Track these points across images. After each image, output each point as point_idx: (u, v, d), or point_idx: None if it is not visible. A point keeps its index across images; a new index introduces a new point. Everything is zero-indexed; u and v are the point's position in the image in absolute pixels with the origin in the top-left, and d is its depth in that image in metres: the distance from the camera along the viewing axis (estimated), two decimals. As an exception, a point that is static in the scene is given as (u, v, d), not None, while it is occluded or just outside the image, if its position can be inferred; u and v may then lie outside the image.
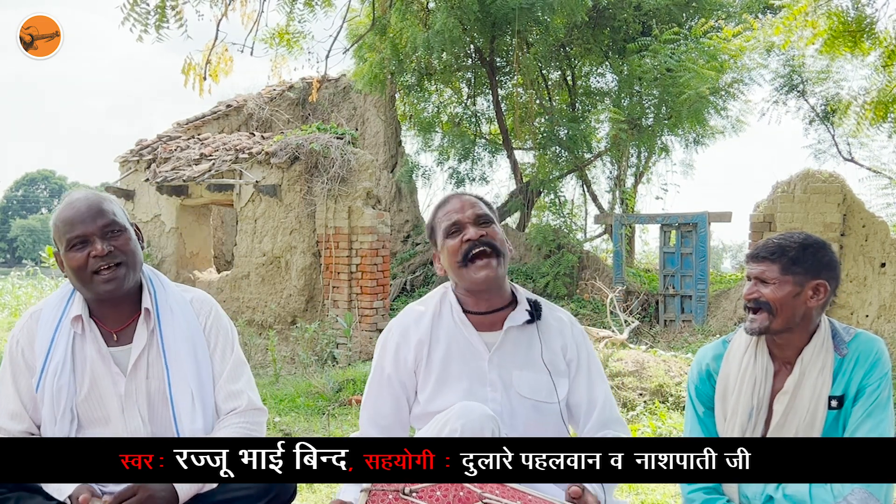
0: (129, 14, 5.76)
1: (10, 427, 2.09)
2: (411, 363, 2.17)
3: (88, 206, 2.08)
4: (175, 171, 9.64)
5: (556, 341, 2.19)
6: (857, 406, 2.09)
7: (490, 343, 2.15)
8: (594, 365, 2.22)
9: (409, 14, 10.71)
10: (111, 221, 2.08)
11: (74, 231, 2.05)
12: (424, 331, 2.17)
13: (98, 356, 2.10)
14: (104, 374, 2.10)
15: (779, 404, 2.13)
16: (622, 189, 13.98)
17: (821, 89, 11.42)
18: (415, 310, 2.25)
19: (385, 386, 2.19)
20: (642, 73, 10.67)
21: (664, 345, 8.80)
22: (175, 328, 2.14)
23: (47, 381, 2.06)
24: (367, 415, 2.22)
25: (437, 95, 13.27)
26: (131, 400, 2.10)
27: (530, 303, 2.20)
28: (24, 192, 63.23)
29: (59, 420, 2.06)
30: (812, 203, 8.41)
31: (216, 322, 2.22)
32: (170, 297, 2.18)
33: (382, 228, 9.02)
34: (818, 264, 2.11)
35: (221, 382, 2.17)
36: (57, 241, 2.10)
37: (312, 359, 7.86)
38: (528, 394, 2.11)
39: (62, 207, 2.10)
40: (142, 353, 2.11)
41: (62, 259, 2.10)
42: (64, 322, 2.11)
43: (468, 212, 2.15)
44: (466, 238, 2.11)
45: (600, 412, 2.15)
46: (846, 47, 6.30)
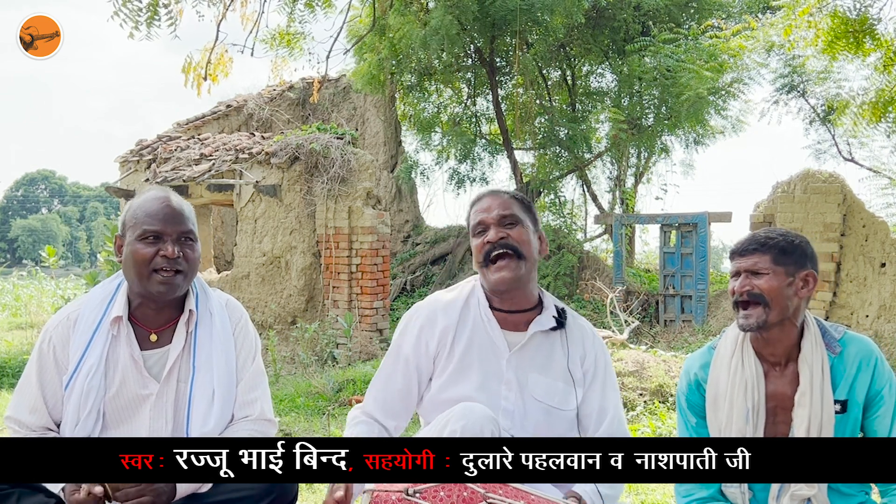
0: (119, 9, 5.68)
1: (28, 421, 2.10)
2: (433, 349, 2.17)
3: (173, 207, 2.12)
4: (175, 171, 9.64)
5: (576, 350, 2.19)
6: (883, 409, 2.09)
7: (512, 343, 2.16)
8: (610, 377, 2.22)
9: (407, 13, 10.71)
10: (189, 230, 2.13)
11: (153, 225, 2.08)
12: (452, 319, 2.17)
13: (130, 360, 2.11)
14: (135, 377, 2.11)
15: (800, 408, 2.09)
16: (622, 189, 13.98)
17: (821, 89, 11.40)
18: (445, 297, 2.25)
19: (401, 366, 2.19)
20: (642, 73, 10.67)
21: (664, 345, 8.80)
22: (212, 331, 2.17)
23: (77, 382, 2.07)
24: (374, 393, 2.22)
25: (437, 95, 13.27)
26: (161, 402, 2.11)
27: (558, 310, 2.20)
28: (24, 192, 63.22)
29: (83, 420, 2.07)
30: (812, 203, 8.41)
31: (244, 329, 2.27)
32: (210, 300, 2.23)
33: (382, 228, 9.01)
34: (805, 255, 2.13)
35: (239, 389, 2.19)
36: (129, 227, 2.12)
37: (312, 359, 7.86)
38: (541, 397, 2.12)
39: (146, 199, 2.13)
40: (178, 356, 2.14)
41: (126, 247, 2.11)
42: (103, 324, 2.12)
43: (494, 212, 2.16)
44: (487, 240, 2.13)
45: (609, 425, 2.15)
46: (848, 48, 6.30)
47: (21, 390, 2.14)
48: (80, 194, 65.48)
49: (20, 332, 9.96)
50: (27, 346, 8.55)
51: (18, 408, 2.12)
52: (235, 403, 2.18)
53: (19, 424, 2.11)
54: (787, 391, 2.14)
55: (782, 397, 2.14)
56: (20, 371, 7.38)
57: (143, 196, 2.16)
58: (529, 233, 2.17)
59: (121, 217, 2.19)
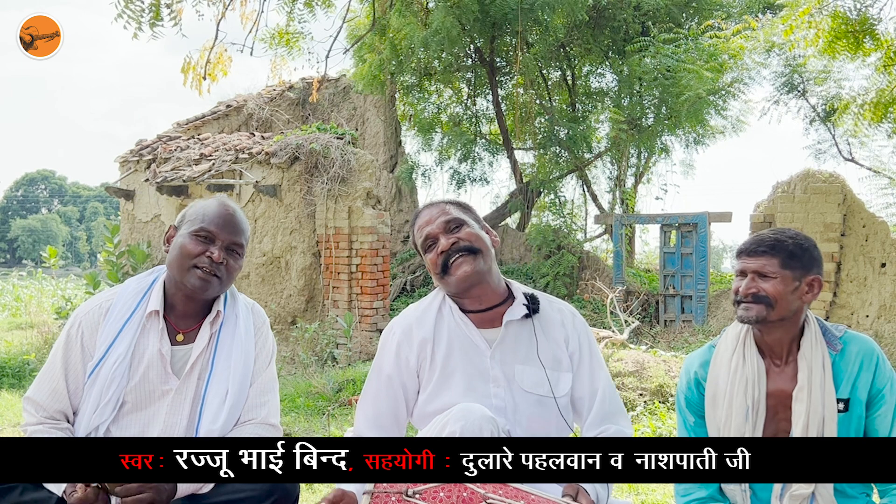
0: (122, 11, 5.69)
1: (46, 403, 2.12)
2: (414, 363, 2.17)
3: (235, 218, 2.21)
4: (175, 171, 9.63)
5: (557, 333, 2.19)
6: (884, 408, 2.08)
7: (491, 340, 2.16)
8: (595, 356, 2.23)
9: (408, 13, 10.71)
10: (240, 243, 2.22)
11: (211, 226, 2.17)
12: (428, 329, 2.18)
13: (157, 353, 2.15)
14: (157, 370, 2.14)
15: (798, 403, 2.09)
16: (622, 189, 13.98)
17: (821, 89, 11.41)
18: (416, 310, 2.25)
19: (384, 386, 2.19)
20: (642, 73, 10.66)
21: (664, 345, 8.80)
22: (234, 332, 2.22)
23: (103, 370, 2.10)
24: (364, 415, 2.22)
25: (437, 95, 13.27)
26: (180, 398, 2.14)
27: (527, 297, 2.20)
28: (24, 192, 63.24)
29: (102, 407, 2.09)
30: (812, 203, 8.41)
31: (265, 335, 2.32)
32: (238, 304, 2.29)
33: (382, 228, 9.01)
34: (813, 260, 2.12)
35: (250, 392, 2.22)
36: (187, 221, 2.20)
37: (312, 359, 7.86)
38: (530, 388, 2.12)
39: (213, 203, 2.22)
40: (200, 355, 2.18)
41: (177, 238, 2.19)
42: (136, 316, 2.17)
43: (437, 221, 2.18)
44: (440, 251, 2.15)
45: (601, 404, 2.16)
46: (848, 48, 6.30)
47: (44, 373, 2.17)
48: (80, 194, 65.52)
49: (20, 332, 9.95)
50: (27, 346, 8.54)
51: (39, 389, 2.14)
52: (245, 405, 2.20)
53: (36, 407, 2.13)
54: (787, 388, 2.13)
55: (783, 395, 2.14)
56: (20, 371, 7.38)
57: (210, 199, 2.26)
58: (476, 228, 2.19)
59: (182, 211, 2.26)
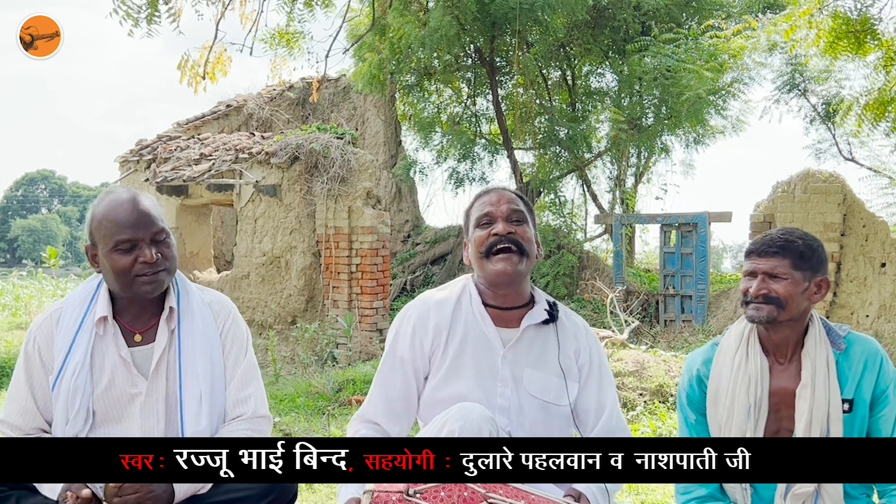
0: (117, 6, 5.66)
1: (20, 424, 2.09)
2: (428, 348, 2.16)
3: (139, 210, 2.05)
4: (175, 171, 9.63)
5: (570, 345, 2.19)
6: (887, 409, 2.09)
7: (506, 339, 2.15)
8: (605, 372, 2.22)
9: (407, 13, 10.70)
10: (161, 229, 2.07)
11: (123, 234, 2.02)
12: (445, 317, 2.16)
13: (118, 357, 2.10)
14: (123, 374, 2.09)
15: (801, 400, 2.09)
16: (622, 189, 13.98)
17: (822, 88, 11.40)
18: (436, 296, 2.23)
19: (397, 370, 2.18)
20: (642, 73, 10.66)
21: (664, 345, 8.80)
22: (193, 329, 2.14)
23: (64, 381, 2.06)
24: (375, 397, 2.20)
25: (436, 95, 13.26)
26: (151, 400, 2.10)
27: (549, 304, 2.20)
28: (24, 192, 63.23)
29: (73, 420, 2.05)
30: (812, 203, 8.41)
31: (233, 326, 2.23)
32: (191, 298, 2.19)
33: (382, 228, 9.01)
34: (820, 261, 2.13)
35: (231, 387, 2.18)
36: (98, 238, 2.06)
37: (312, 359, 7.86)
38: (536, 393, 2.12)
39: (109, 206, 2.06)
40: (163, 354, 2.12)
41: (101, 257, 2.07)
42: (86, 322, 2.10)
43: (503, 206, 2.16)
44: (494, 232, 2.12)
45: (607, 419, 2.16)
46: (849, 48, 6.30)
47: (11, 393, 2.13)
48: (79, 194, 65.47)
49: (20, 332, 9.95)
50: (27, 346, 8.52)
51: (10, 412, 2.11)
52: (228, 402, 2.16)
53: (12, 429, 2.10)
54: (790, 386, 2.13)
55: (785, 393, 2.13)
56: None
57: (105, 202, 2.08)
58: (532, 233, 2.19)
59: (85, 224, 2.11)
